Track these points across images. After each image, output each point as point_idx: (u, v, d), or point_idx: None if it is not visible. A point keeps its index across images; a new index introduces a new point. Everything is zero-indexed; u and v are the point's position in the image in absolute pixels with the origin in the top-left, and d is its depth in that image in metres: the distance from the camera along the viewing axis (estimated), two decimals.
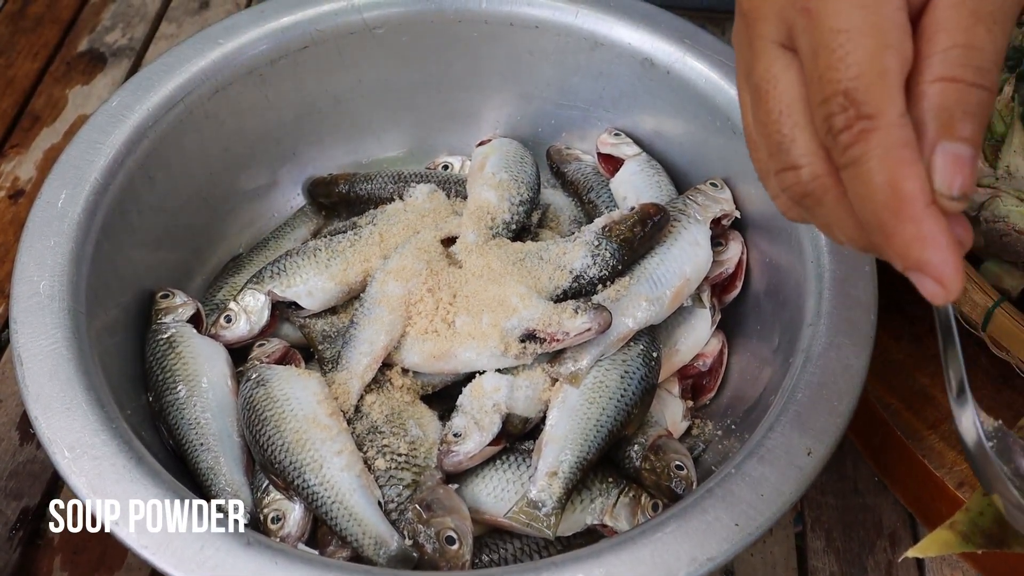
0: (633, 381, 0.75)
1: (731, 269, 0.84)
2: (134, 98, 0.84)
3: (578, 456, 0.72)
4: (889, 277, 0.76)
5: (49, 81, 1.19)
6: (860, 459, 0.87)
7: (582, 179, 0.94)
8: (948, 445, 0.80)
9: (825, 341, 0.71)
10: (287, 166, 0.96)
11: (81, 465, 0.64)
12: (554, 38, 0.91)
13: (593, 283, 0.78)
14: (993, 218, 0.77)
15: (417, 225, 0.85)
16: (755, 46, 0.47)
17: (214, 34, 0.88)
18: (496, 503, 0.73)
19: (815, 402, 0.68)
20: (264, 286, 0.83)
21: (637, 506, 0.74)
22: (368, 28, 0.91)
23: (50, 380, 0.68)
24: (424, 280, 0.78)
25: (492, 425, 0.74)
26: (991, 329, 0.73)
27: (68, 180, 0.78)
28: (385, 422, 0.74)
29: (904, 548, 0.81)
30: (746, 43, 0.48)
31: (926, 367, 0.85)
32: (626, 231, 0.79)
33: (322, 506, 0.70)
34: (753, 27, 0.47)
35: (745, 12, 0.48)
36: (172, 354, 0.78)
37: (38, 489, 0.85)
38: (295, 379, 0.76)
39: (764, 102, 0.46)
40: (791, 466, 0.65)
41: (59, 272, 0.73)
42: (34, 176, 1.09)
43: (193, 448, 0.74)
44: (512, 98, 0.97)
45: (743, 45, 0.49)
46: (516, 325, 0.74)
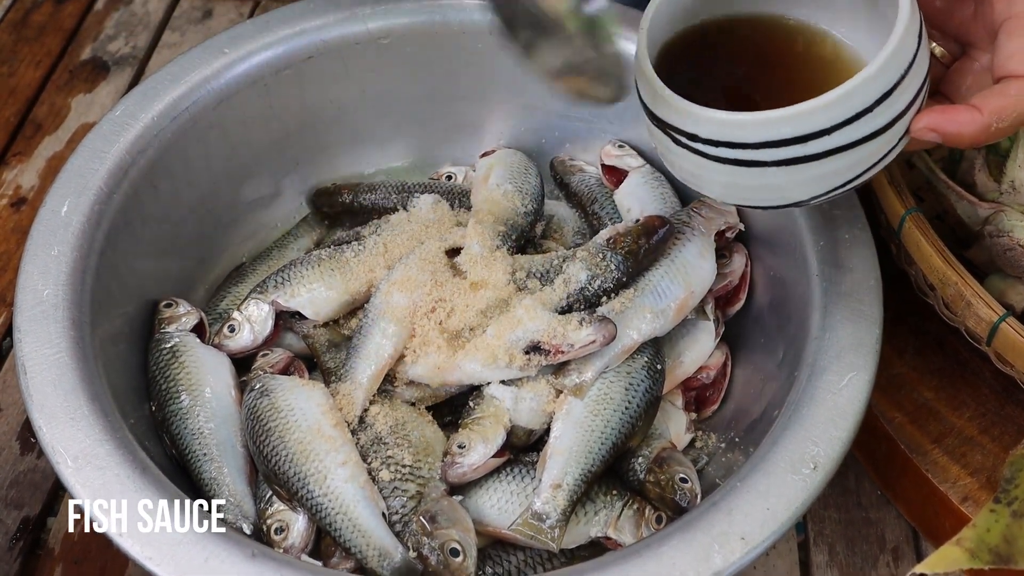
0: (637, 393, 0.75)
1: (735, 282, 0.84)
2: (138, 107, 0.84)
3: (582, 468, 0.71)
4: (893, 291, 0.77)
5: (52, 89, 1.19)
6: (863, 473, 0.86)
7: (586, 191, 0.94)
8: (952, 460, 0.80)
9: (830, 355, 0.71)
10: (291, 176, 0.96)
11: (85, 475, 0.64)
12: None
13: (597, 295, 0.78)
14: (998, 232, 0.77)
15: (421, 236, 0.85)
16: None
17: (219, 44, 0.88)
18: (500, 515, 0.73)
19: (820, 416, 0.68)
20: (268, 296, 0.83)
21: (641, 519, 0.73)
22: (372, 39, 0.91)
23: (54, 390, 0.67)
24: (428, 291, 0.78)
25: (496, 437, 0.74)
26: (996, 343, 0.73)
27: (72, 189, 0.78)
28: (389, 433, 0.74)
29: (907, 563, 0.81)
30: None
31: (930, 381, 0.85)
32: (630, 243, 0.79)
33: (326, 517, 0.70)
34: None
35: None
36: (175, 364, 0.78)
37: (39, 499, 0.84)
38: (299, 389, 0.76)
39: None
40: (796, 480, 0.65)
41: (63, 281, 0.73)
42: (36, 184, 1.09)
43: (196, 458, 0.74)
44: (516, 109, 0.97)
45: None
46: (520, 337, 0.74)
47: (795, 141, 0.60)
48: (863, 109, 0.60)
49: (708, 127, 0.63)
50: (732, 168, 0.63)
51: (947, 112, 0.62)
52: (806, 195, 0.65)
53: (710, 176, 0.66)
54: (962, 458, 0.80)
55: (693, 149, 0.64)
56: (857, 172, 0.64)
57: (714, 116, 0.62)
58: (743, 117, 0.61)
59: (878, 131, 0.61)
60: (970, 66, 0.69)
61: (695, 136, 0.63)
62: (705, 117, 0.62)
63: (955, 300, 0.74)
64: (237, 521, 0.72)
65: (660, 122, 0.66)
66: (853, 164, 0.63)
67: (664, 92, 0.64)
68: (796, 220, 0.79)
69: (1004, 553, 0.57)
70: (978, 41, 0.68)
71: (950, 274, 0.74)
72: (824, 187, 0.64)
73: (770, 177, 0.63)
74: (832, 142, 0.61)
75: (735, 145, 0.62)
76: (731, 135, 0.62)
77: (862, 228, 0.77)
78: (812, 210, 0.78)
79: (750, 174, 0.63)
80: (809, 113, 0.59)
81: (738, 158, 0.62)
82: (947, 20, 0.69)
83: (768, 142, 0.61)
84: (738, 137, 0.62)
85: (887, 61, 0.59)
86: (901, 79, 0.60)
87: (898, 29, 0.60)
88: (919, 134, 0.63)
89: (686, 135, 0.64)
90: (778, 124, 0.60)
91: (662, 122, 0.66)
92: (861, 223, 0.78)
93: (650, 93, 0.66)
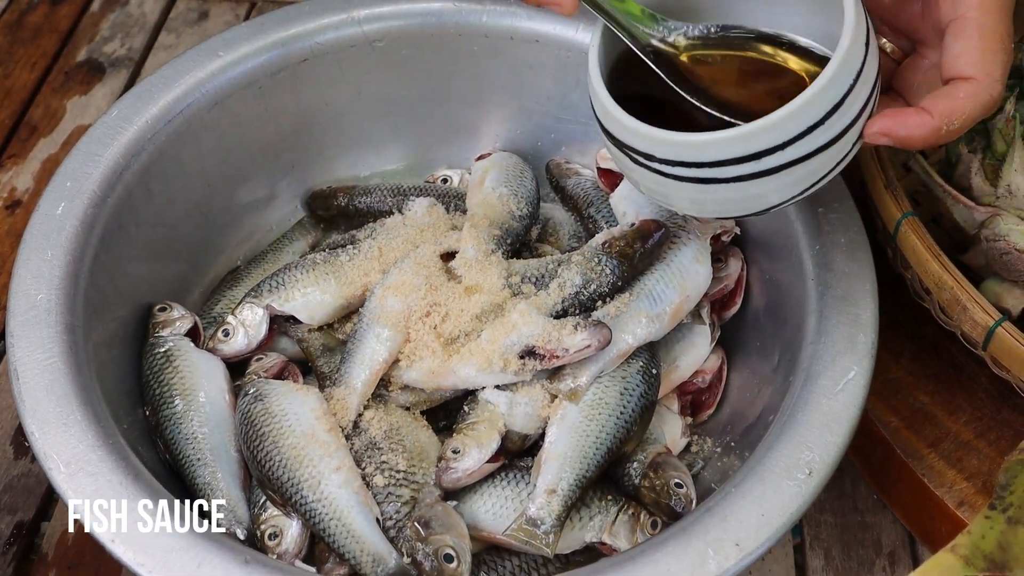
0: (633, 398, 0.75)
1: (731, 286, 0.84)
2: (133, 110, 0.83)
3: (577, 473, 0.71)
4: (889, 295, 0.77)
5: (47, 91, 1.19)
6: (859, 477, 0.86)
7: (582, 194, 0.93)
8: (948, 464, 0.80)
9: (826, 359, 0.71)
10: (286, 179, 0.96)
11: (77, 480, 0.64)
12: (554, 52, 0.91)
13: (593, 299, 0.78)
14: (994, 237, 0.76)
15: (416, 239, 0.85)
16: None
17: (214, 46, 0.88)
18: (495, 520, 0.73)
19: (816, 421, 0.68)
20: (262, 300, 0.82)
21: (636, 524, 0.73)
22: (368, 41, 0.91)
23: (47, 394, 0.67)
24: (423, 296, 0.78)
25: (491, 442, 0.73)
26: (992, 348, 0.73)
27: (66, 192, 0.78)
28: (384, 438, 0.74)
29: (904, 567, 0.81)
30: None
31: (926, 385, 0.85)
32: (626, 247, 0.79)
33: (320, 523, 0.69)
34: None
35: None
36: (169, 368, 0.78)
37: (32, 504, 0.84)
38: (293, 394, 0.76)
39: None
40: (792, 485, 0.65)
41: (56, 285, 0.73)
42: (31, 187, 1.09)
43: (190, 463, 0.74)
44: (512, 112, 0.97)
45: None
46: (515, 341, 0.74)
47: (749, 159, 0.61)
48: (815, 123, 0.60)
49: (664, 148, 0.63)
50: (693, 185, 0.64)
51: (898, 116, 0.63)
52: (765, 205, 0.66)
53: (674, 192, 0.66)
54: (958, 463, 0.80)
55: (652, 168, 0.65)
56: (814, 180, 0.65)
57: (669, 138, 0.63)
58: (697, 138, 0.61)
59: (831, 141, 0.62)
60: (920, 63, 0.70)
61: (651, 156, 0.64)
62: (660, 139, 0.63)
63: (951, 304, 0.74)
64: (231, 527, 0.72)
65: (617, 142, 0.67)
66: (809, 174, 0.64)
67: (619, 114, 0.65)
68: (792, 224, 0.78)
69: (999, 560, 0.57)
70: (927, 38, 0.69)
71: (946, 278, 0.73)
72: (784, 196, 0.65)
73: (731, 192, 0.64)
74: (786, 156, 0.61)
75: (692, 164, 0.63)
76: (687, 155, 0.63)
77: (858, 232, 0.77)
78: (808, 215, 0.78)
79: (711, 189, 0.64)
80: (761, 131, 0.60)
81: (697, 176, 0.63)
82: (896, 17, 0.70)
83: (723, 160, 0.62)
84: (694, 157, 0.62)
85: (836, 73, 0.60)
86: (851, 88, 0.61)
87: (844, 39, 0.60)
88: (871, 139, 0.63)
89: (643, 155, 0.65)
90: (732, 143, 0.61)
91: (619, 142, 0.66)
92: (857, 227, 0.78)
93: (604, 113, 0.66)
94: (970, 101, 0.61)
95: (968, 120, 0.62)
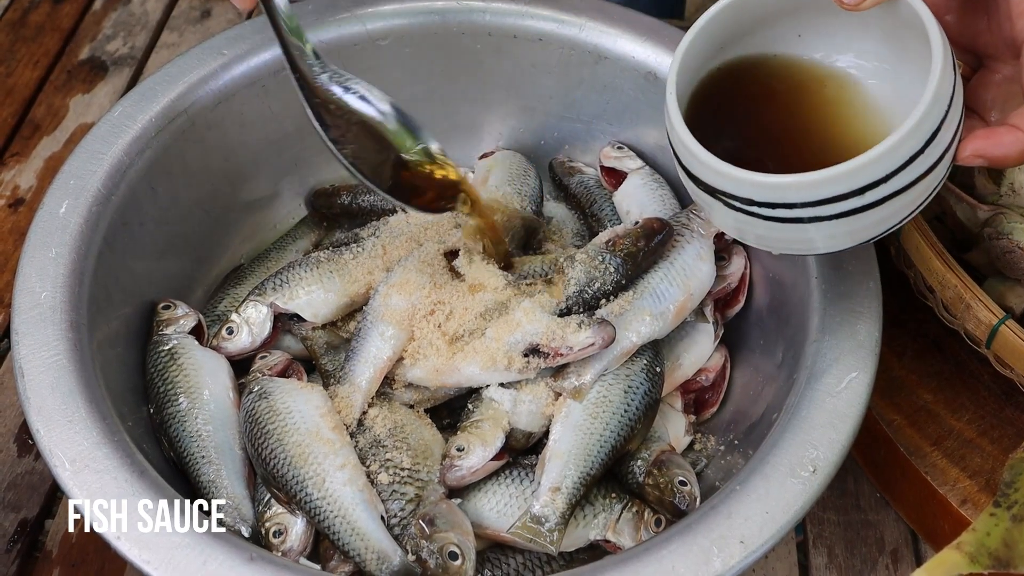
0: (636, 396, 0.75)
1: (734, 284, 0.84)
2: (137, 108, 0.83)
3: (581, 471, 0.71)
4: (893, 294, 0.77)
5: (50, 90, 1.19)
6: (862, 475, 0.86)
7: (585, 192, 0.94)
8: (951, 462, 0.80)
9: (829, 358, 0.71)
10: (289, 177, 0.96)
11: (82, 478, 0.64)
12: (558, 51, 0.91)
13: (596, 297, 0.78)
14: (997, 235, 0.77)
15: (420, 238, 0.85)
16: None
17: (217, 45, 0.88)
18: (499, 518, 0.73)
19: (819, 419, 0.68)
20: (266, 298, 0.83)
21: (640, 522, 0.73)
22: (372, 40, 0.91)
23: (51, 392, 0.67)
24: (427, 294, 0.78)
25: (495, 440, 0.73)
26: (995, 346, 0.73)
27: (70, 190, 0.78)
28: (388, 436, 0.74)
29: (906, 565, 0.81)
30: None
31: (929, 384, 0.85)
32: (629, 245, 0.79)
33: (324, 520, 0.70)
34: None
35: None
36: (173, 366, 0.78)
37: (36, 501, 0.84)
38: (297, 392, 0.76)
39: None
40: (795, 483, 0.65)
41: (61, 283, 0.73)
42: (34, 185, 1.09)
43: (194, 461, 0.74)
44: (515, 111, 0.97)
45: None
46: (519, 339, 0.74)
47: (853, 194, 0.60)
48: (916, 152, 0.60)
49: (760, 191, 0.61)
50: (782, 225, 0.63)
51: (991, 136, 0.62)
52: (860, 239, 0.65)
53: (755, 231, 0.65)
54: (961, 460, 0.80)
55: (744, 211, 0.63)
56: (910, 211, 0.64)
57: (767, 181, 0.61)
58: (799, 179, 0.60)
59: (930, 168, 0.61)
60: (991, 78, 0.69)
61: (746, 200, 0.62)
62: (756, 182, 0.61)
63: (954, 303, 0.74)
64: (235, 524, 0.72)
65: (704, 185, 0.65)
66: (907, 204, 0.63)
67: (708, 158, 0.63)
68: None
69: (1004, 557, 0.57)
70: (996, 52, 0.68)
71: (949, 277, 0.73)
72: (880, 229, 0.64)
73: (822, 230, 0.63)
74: (888, 188, 0.60)
75: (788, 206, 0.61)
76: (784, 197, 0.61)
77: None
78: None
79: (799, 229, 0.63)
80: (868, 164, 0.59)
81: (791, 216, 0.62)
82: (960, 34, 0.69)
83: (825, 199, 0.60)
84: (791, 198, 0.61)
85: (933, 99, 0.59)
86: (946, 114, 0.60)
87: (936, 65, 0.60)
88: (966, 161, 0.62)
89: (735, 199, 0.63)
90: (835, 181, 0.59)
91: (707, 186, 0.65)
92: None
93: (689, 157, 0.65)
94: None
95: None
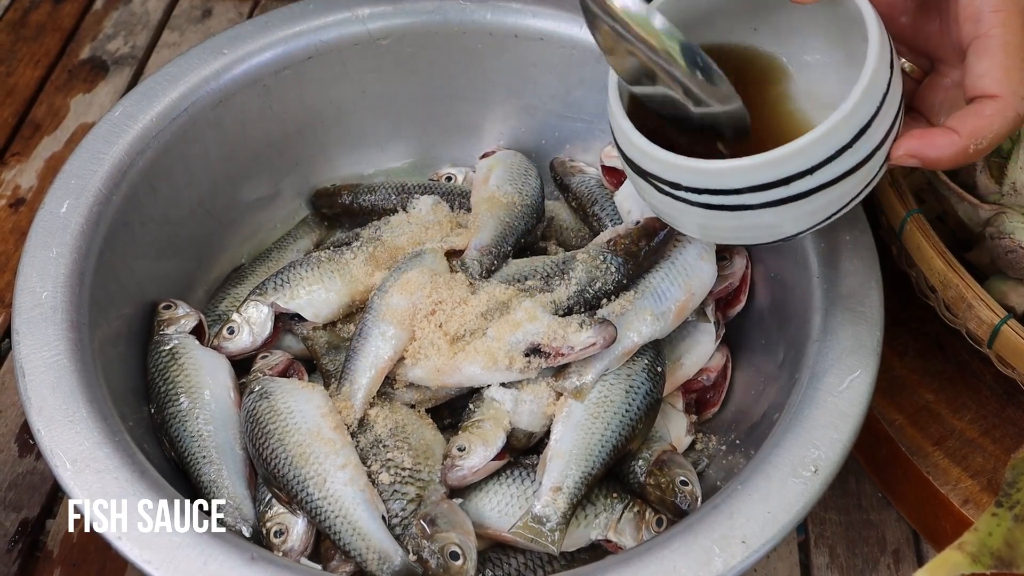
0: (638, 396, 0.75)
1: (735, 283, 0.84)
2: (137, 107, 0.83)
3: (583, 471, 0.71)
4: (894, 293, 0.77)
5: (50, 89, 1.19)
6: (863, 475, 0.86)
7: (586, 192, 0.93)
8: (953, 462, 0.80)
9: (831, 357, 0.71)
10: (290, 177, 0.96)
11: (83, 478, 0.64)
12: (559, 50, 0.91)
13: (598, 297, 0.78)
14: (999, 234, 0.76)
15: (421, 237, 0.85)
16: None
17: (218, 44, 0.88)
18: (500, 518, 0.73)
19: (821, 418, 0.68)
20: (267, 298, 0.82)
21: (641, 521, 0.73)
22: (372, 39, 0.91)
23: (52, 392, 0.67)
24: (428, 293, 0.78)
25: (496, 440, 0.73)
26: (997, 346, 0.73)
27: (70, 190, 0.78)
28: (389, 436, 0.74)
29: (908, 565, 0.81)
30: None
31: (930, 383, 0.85)
32: (631, 245, 0.79)
33: (325, 520, 0.69)
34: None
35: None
36: (174, 366, 0.78)
37: (37, 501, 0.84)
38: (298, 392, 0.76)
39: None
40: (797, 483, 0.65)
41: (61, 283, 0.73)
42: (35, 184, 1.09)
43: (195, 461, 0.74)
44: (516, 110, 0.97)
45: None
46: (521, 339, 0.74)
47: (779, 183, 0.61)
48: (843, 146, 0.61)
49: (690, 176, 0.63)
50: (712, 212, 0.64)
51: (925, 137, 0.62)
52: (792, 231, 0.67)
53: (688, 219, 0.67)
54: (963, 460, 0.80)
55: (674, 196, 0.65)
56: (841, 204, 0.65)
57: (696, 165, 0.63)
58: (725, 165, 0.61)
59: (859, 164, 0.62)
60: (940, 81, 0.69)
61: (677, 184, 0.64)
62: (686, 166, 0.63)
63: (956, 302, 0.74)
64: (236, 524, 0.72)
65: (639, 170, 0.67)
66: (837, 198, 0.64)
67: (641, 142, 0.65)
68: None
69: (1006, 557, 0.57)
70: (946, 56, 0.68)
71: (951, 276, 0.73)
72: (809, 222, 0.66)
73: (755, 218, 0.64)
74: (814, 181, 0.61)
75: (717, 192, 0.63)
76: (714, 183, 0.63)
77: (863, 230, 0.77)
78: None
79: (732, 216, 0.64)
80: (792, 155, 0.60)
81: (721, 203, 0.63)
82: (914, 36, 0.69)
83: (752, 187, 0.62)
84: (721, 184, 0.62)
85: (862, 96, 0.60)
86: (877, 111, 0.61)
87: (870, 60, 0.60)
88: (899, 161, 0.63)
89: (667, 183, 0.65)
90: (761, 169, 0.61)
91: (641, 170, 0.66)
92: (862, 225, 0.78)
93: (625, 141, 0.66)
94: (997, 119, 0.61)
95: (996, 138, 0.61)
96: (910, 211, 0.76)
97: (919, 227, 0.75)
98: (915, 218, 0.76)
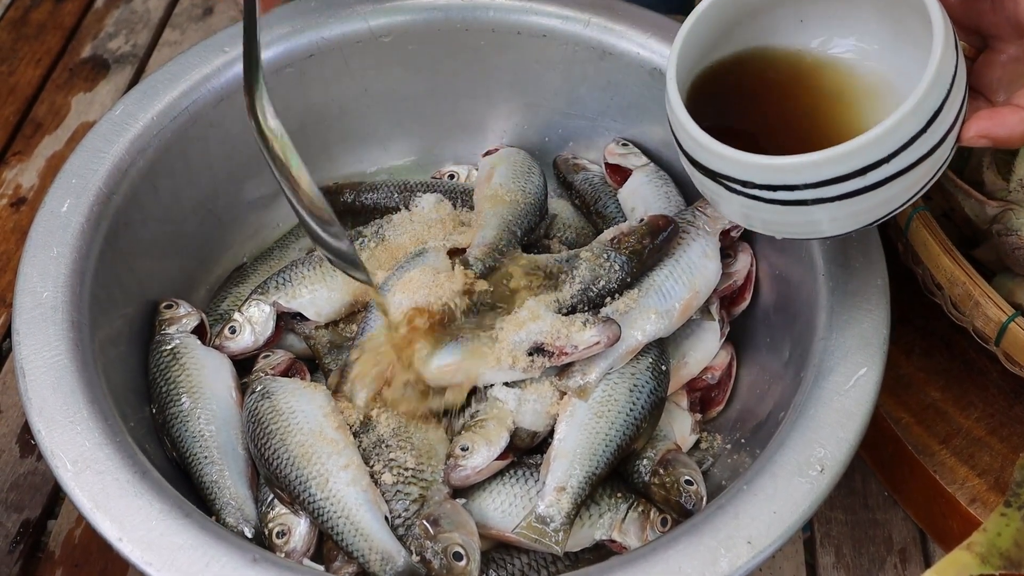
0: (642, 395, 0.74)
1: (740, 281, 0.83)
2: (138, 106, 0.83)
3: (587, 471, 0.71)
4: (900, 291, 0.76)
5: (51, 88, 1.19)
6: (869, 474, 0.86)
7: (590, 189, 0.93)
8: (959, 461, 0.79)
9: (837, 355, 0.70)
10: None
11: (84, 479, 0.63)
12: (562, 47, 0.91)
13: (602, 296, 0.77)
14: (1006, 231, 0.76)
15: (423, 235, 0.85)
16: None
17: (219, 42, 0.87)
18: (504, 518, 0.72)
19: (827, 417, 0.67)
20: (269, 297, 0.82)
21: (646, 521, 0.73)
22: (374, 37, 0.91)
23: (53, 393, 0.67)
24: (431, 292, 0.77)
25: (500, 439, 0.73)
26: (1004, 344, 0.72)
27: (71, 189, 0.77)
28: (392, 436, 0.74)
29: (915, 565, 0.81)
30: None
31: (937, 381, 0.84)
32: (635, 243, 0.78)
33: (328, 521, 0.69)
34: None
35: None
36: (176, 366, 0.78)
37: (39, 502, 0.84)
38: (301, 392, 0.75)
39: None
40: (803, 482, 0.64)
41: (62, 282, 0.72)
42: (36, 184, 1.09)
43: (197, 461, 0.73)
44: (519, 107, 0.96)
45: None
46: (524, 338, 0.73)
47: (855, 175, 0.59)
48: (917, 132, 0.59)
49: (763, 173, 0.61)
50: (786, 208, 0.62)
51: (995, 116, 0.61)
52: (864, 222, 0.65)
53: (760, 215, 0.65)
54: (970, 459, 0.80)
55: (746, 195, 0.63)
56: (913, 192, 0.63)
57: (768, 163, 0.60)
58: (801, 160, 0.59)
59: (932, 149, 0.60)
60: (996, 58, 0.68)
61: (749, 183, 0.62)
62: (758, 164, 0.61)
63: (963, 300, 0.73)
64: (238, 525, 0.72)
65: (706, 170, 0.64)
66: (910, 186, 0.62)
67: (710, 142, 0.62)
68: None
69: (1015, 558, 0.56)
70: (1001, 32, 0.67)
71: (958, 273, 0.73)
72: (883, 211, 0.64)
73: (827, 212, 0.62)
74: (890, 169, 0.60)
75: (792, 187, 0.61)
76: (787, 179, 0.61)
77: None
78: None
79: (803, 211, 0.62)
80: (870, 144, 0.58)
81: (795, 199, 0.61)
82: (965, 14, 0.68)
83: (827, 180, 0.60)
84: (795, 180, 0.60)
85: (934, 78, 0.59)
86: (949, 93, 0.60)
87: (937, 44, 0.59)
88: (970, 142, 0.62)
89: (739, 182, 0.63)
90: (836, 161, 0.59)
91: (709, 171, 0.64)
92: None
93: (691, 143, 0.64)
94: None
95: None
96: (916, 208, 0.76)
97: (925, 224, 0.75)
98: (921, 215, 0.75)
